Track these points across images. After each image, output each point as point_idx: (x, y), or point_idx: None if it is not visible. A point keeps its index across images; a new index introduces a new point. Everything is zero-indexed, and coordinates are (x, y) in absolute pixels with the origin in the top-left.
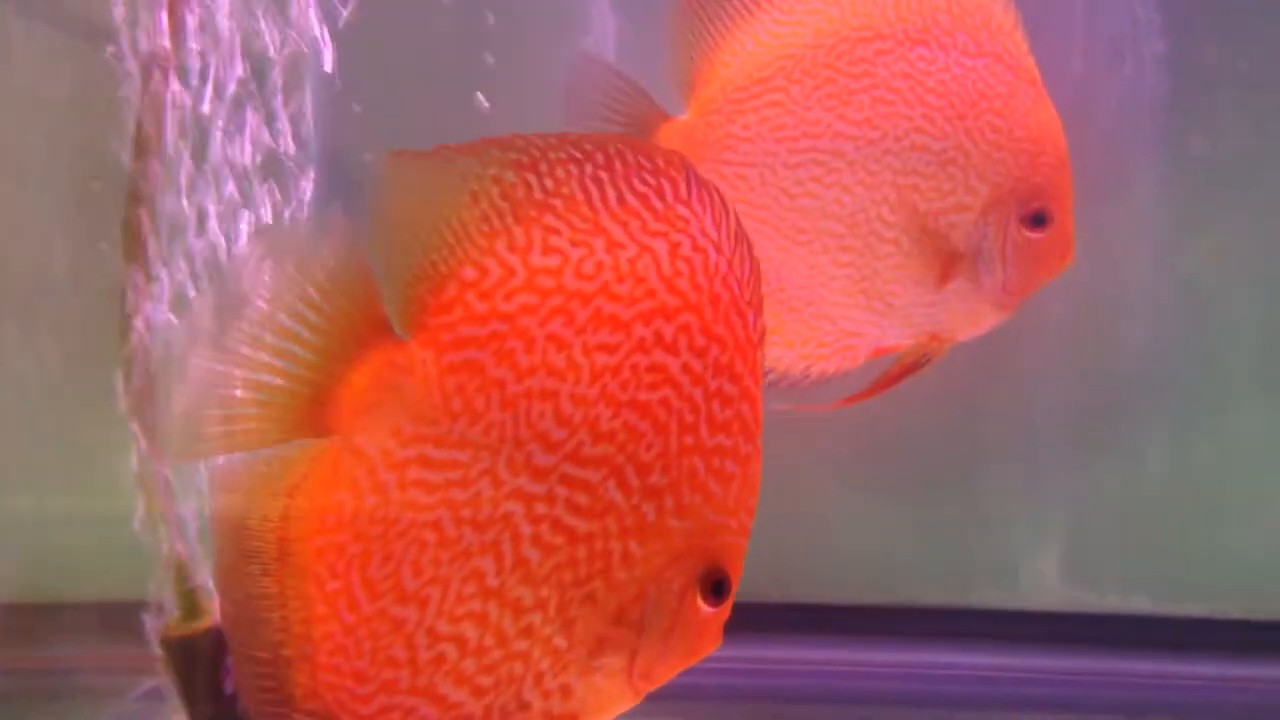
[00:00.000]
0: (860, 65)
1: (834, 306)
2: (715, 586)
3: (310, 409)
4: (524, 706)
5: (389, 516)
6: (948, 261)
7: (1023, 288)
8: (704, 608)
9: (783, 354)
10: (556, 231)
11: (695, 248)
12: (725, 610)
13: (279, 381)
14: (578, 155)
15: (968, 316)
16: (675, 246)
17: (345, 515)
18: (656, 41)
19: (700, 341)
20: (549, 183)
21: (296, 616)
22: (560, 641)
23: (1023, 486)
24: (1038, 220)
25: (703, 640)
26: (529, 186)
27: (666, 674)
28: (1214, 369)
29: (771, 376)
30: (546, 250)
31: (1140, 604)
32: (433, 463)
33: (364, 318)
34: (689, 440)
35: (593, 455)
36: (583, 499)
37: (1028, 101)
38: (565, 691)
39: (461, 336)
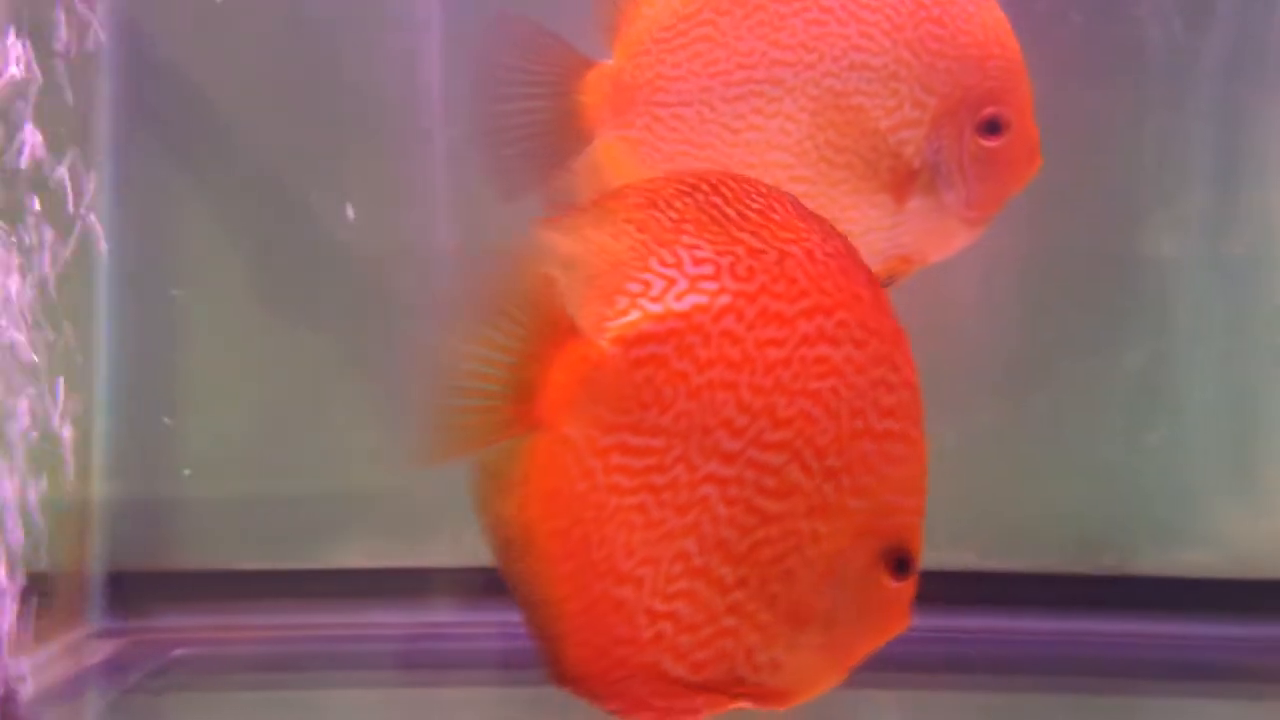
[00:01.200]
0: None
1: None
2: (898, 563)
3: (521, 406)
4: (738, 681)
5: (600, 501)
6: (903, 180)
7: (988, 201)
8: (890, 584)
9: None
10: (699, 247)
11: (827, 253)
12: (911, 587)
13: (496, 386)
14: (687, 188)
15: (935, 235)
16: (809, 252)
17: (563, 500)
18: None
19: (859, 334)
20: (673, 214)
21: (549, 597)
22: (765, 617)
23: None
24: (992, 127)
25: (892, 617)
26: (658, 219)
27: (863, 651)
28: (1039, 328)
29: None
30: (697, 261)
31: (968, 560)
32: (631, 449)
33: (556, 321)
34: (859, 424)
35: (774, 440)
36: (770, 481)
37: (969, 6)
38: (775, 666)
39: (644, 333)
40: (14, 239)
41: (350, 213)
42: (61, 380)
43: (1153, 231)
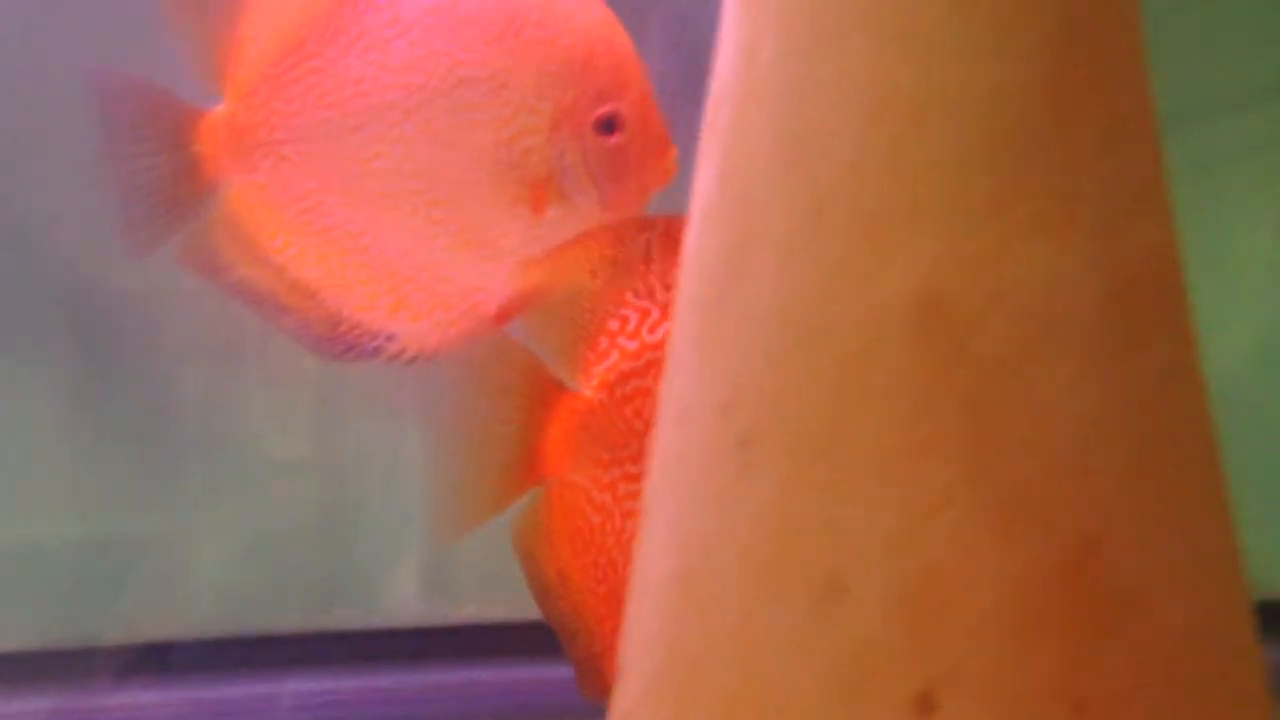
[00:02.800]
0: (388, 11)
1: (446, 266)
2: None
3: (529, 466)
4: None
5: (617, 528)
6: (535, 190)
7: (625, 201)
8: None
9: (412, 328)
10: (667, 272)
11: None
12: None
13: (503, 455)
14: (645, 225)
15: None
16: None
17: (585, 536)
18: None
19: None
20: (639, 247)
21: (591, 622)
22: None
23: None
24: (609, 126)
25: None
26: (625, 255)
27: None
28: None
29: (409, 354)
30: (666, 286)
31: (497, 612)
32: (634, 475)
33: (544, 385)
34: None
35: None
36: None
37: (569, 6)
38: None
39: (624, 372)
40: None
41: None
42: None
43: None
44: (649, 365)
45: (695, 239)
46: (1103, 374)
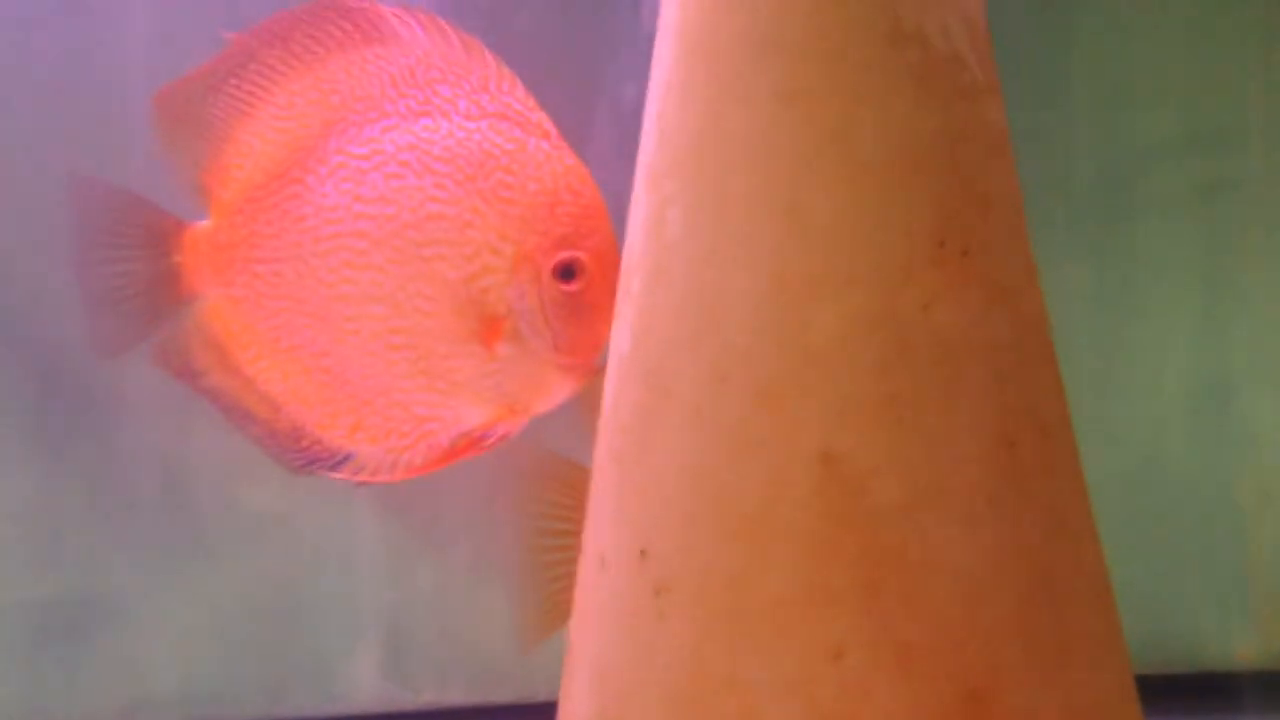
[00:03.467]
0: (368, 145)
1: (403, 393)
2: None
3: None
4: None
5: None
6: (490, 328)
7: (580, 347)
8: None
9: (370, 450)
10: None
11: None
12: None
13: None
14: None
15: (531, 383)
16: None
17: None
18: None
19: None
20: None
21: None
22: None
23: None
24: (567, 273)
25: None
26: None
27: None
28: None
29: (363, 474)
30: None
31: (455, 697)
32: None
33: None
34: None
35: None
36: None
37: (539, 155)
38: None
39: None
40: None
41: None
42: None
43: None
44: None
45: (613, 394)
46: (991, 526)
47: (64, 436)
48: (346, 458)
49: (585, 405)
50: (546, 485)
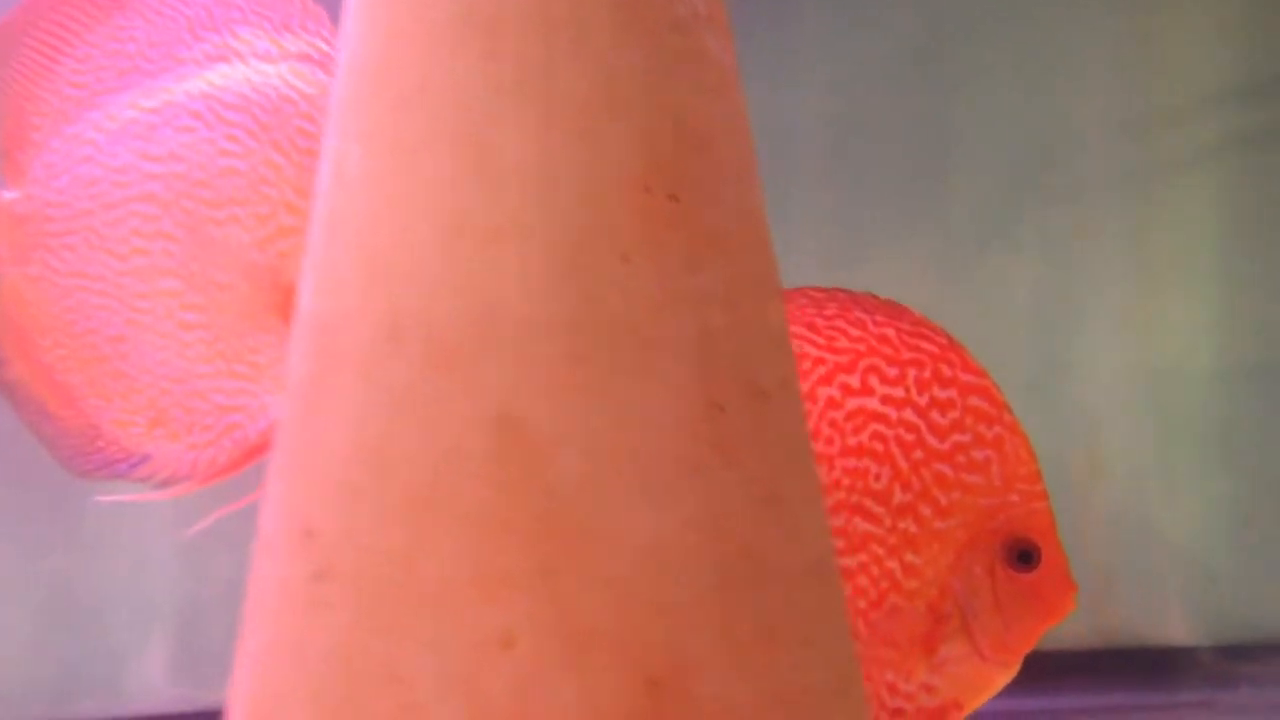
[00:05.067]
0: (159, 96)
1: (201, 379)
2: (1020, 556)
3: None
4: (897, 714)
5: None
6: (284, 297)
7: None
8: (1021, 576)
9: (169, 450)
10: None
11: (828, 315)
12: (1053, 569)
13: None
14: None
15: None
16: (811, 324)
17: None
18: None
19: (892, 373)
20: None
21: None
22: (889, 654)
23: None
24: None
25: (1043, 601)
26: None
27: (1026, 640)
28: None
29: (161, 478)
30: None
31: None
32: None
33: None
34: (919, 455)
35: (829, 506)
36: (838, 543)
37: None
38: (929, 690)
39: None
40: None
41: None
42: None
43: None
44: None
45: (291, 360)
46: (689, 498)
47: None
48: (143, 460)
49: None
50: None
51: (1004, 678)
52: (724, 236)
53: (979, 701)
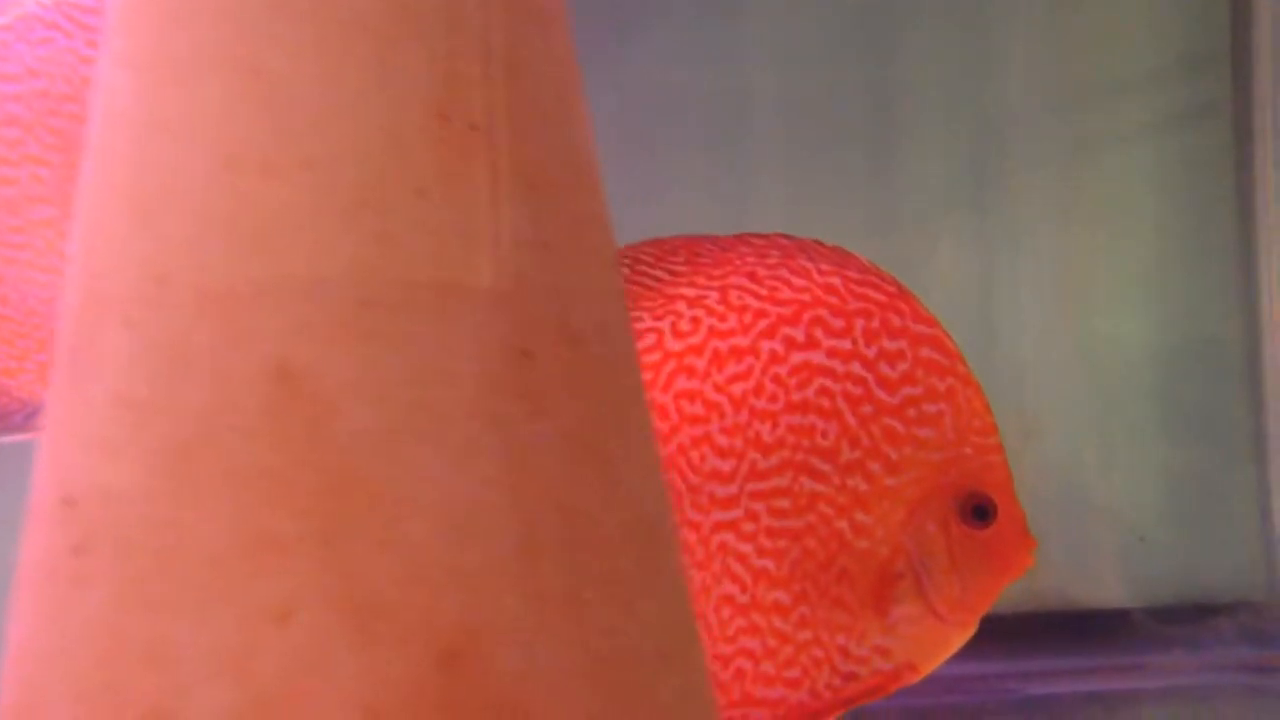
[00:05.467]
0: (8, 10)
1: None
2: (975, 511)
3: None
4: (850, 678)
5: None
6: None
7: None
8: (976, 533)
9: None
10: (639, 319)
11: (770, 264)
12: (1010, 523)
13: None
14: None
15: None
16: (752, 274)
17: None
18: None
19: (838, 324)
20: None
21: None
22: (841, 618)
23: None
24: None
25: (1003, 555)
26: None
27: (983, 598)
28: None
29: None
30: (639, 335)
31: None
32: None
33: None
34: (868, 409)
35: (770, 466)
36: (783, 502)
37: None
38: (883, 652)
39: None
40: None
41: None
42: None
43: None
44: None
45: (59, 309)
46: (491, 454)
47: None
48: (38, 409)
49: None
50: None
51: (961, 638)
52: (535, 171)
53: (935, 663)
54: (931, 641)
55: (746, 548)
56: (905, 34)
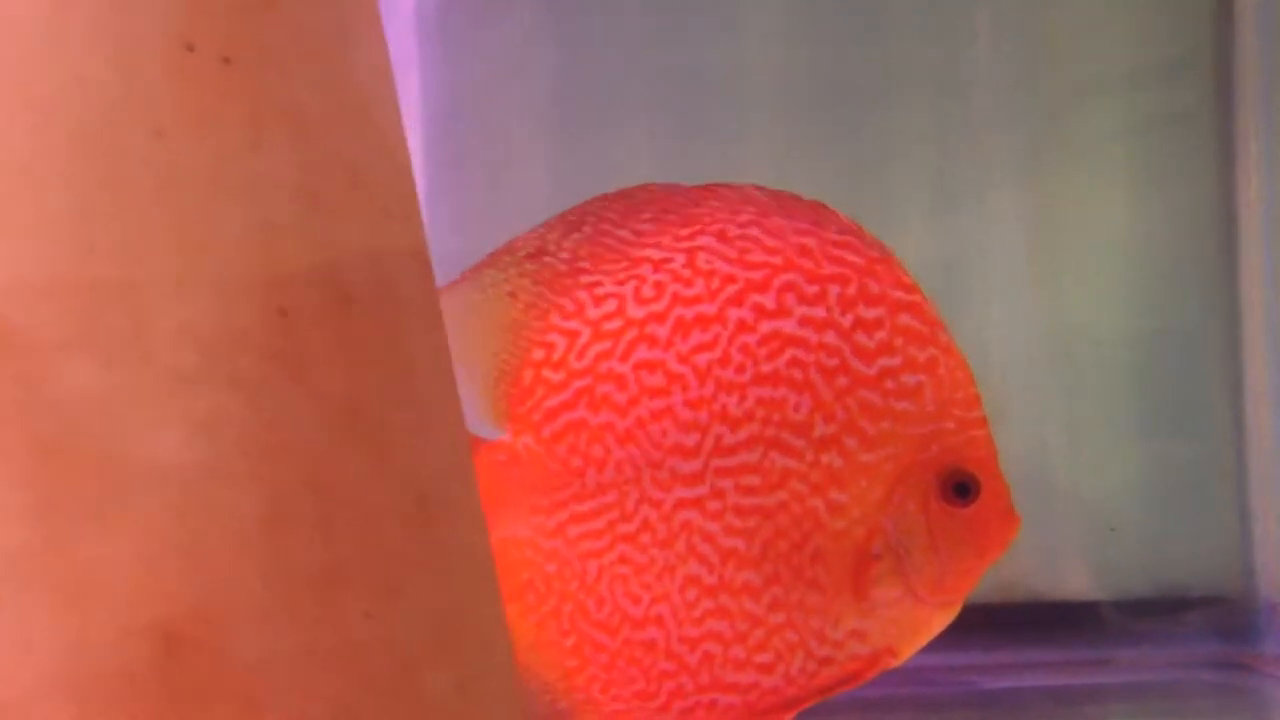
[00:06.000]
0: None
1: None
2: (957, 489)
3: None
4: (826, 662)
5: (579, 571)
6: None
7: None
8: (958, 510)
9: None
10: (599, 283)
11: (742, 223)
12: (993, 500)
13: None
14: (572, 223)
15: None
16: (721, 233)
17: (539, 589)
18: None
19: (811, 290)
20: (565, 254)
21: (553, 677)
22: (815, 600)
23: None
24: None
25: (985, 535)
26: (552, 265)
27: (965, 579)
28: None
29: None
30: (598, 301)
31: None
32: (584, 515)
33: None
34: (843, 381)
35: (738, 441)
36: (752, 479)
37: None
38: (860, 636)
39: (549, 409)
40: None
41: None
42: None
43: None
44: (579, 394)
45: None
46: (233, 420)
47: None
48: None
49: None
50: None
51: (943, 620)
52: (298, 111)
53: (915, 647)
54: (911, 624)
55: (713, 527)
56: (893, 17)
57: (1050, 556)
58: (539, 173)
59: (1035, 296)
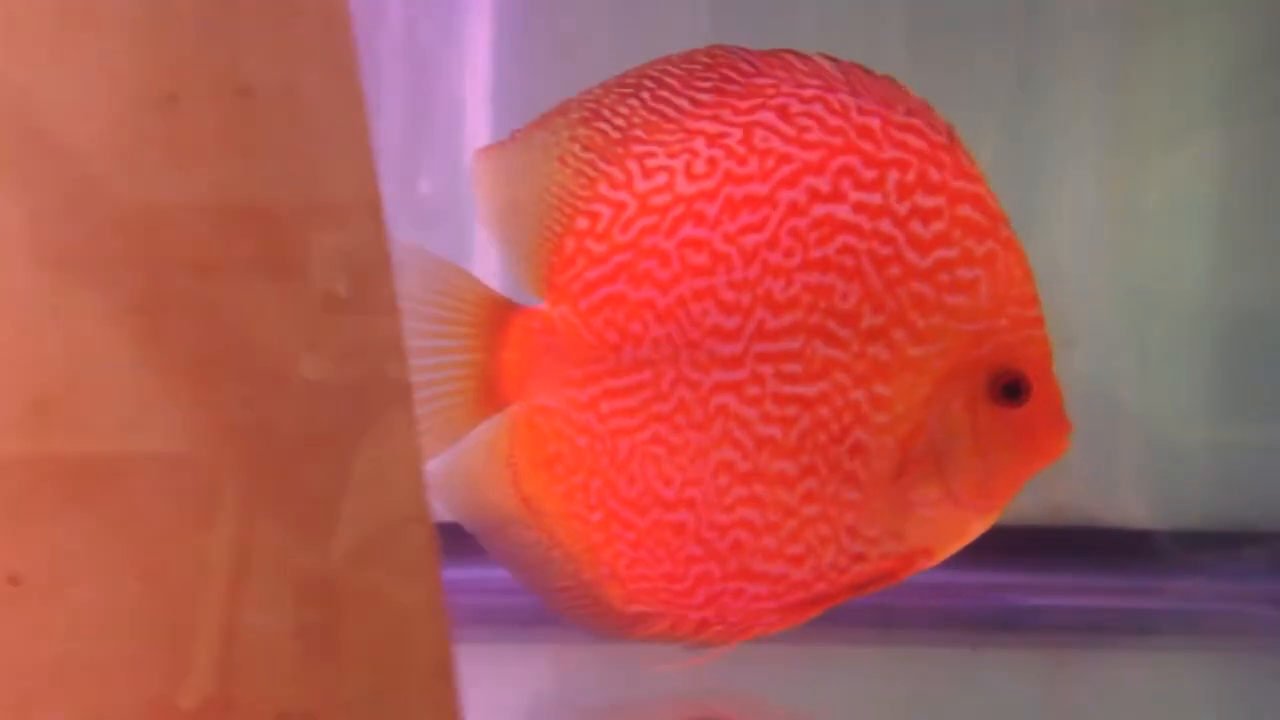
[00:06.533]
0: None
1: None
2: (1007, 389)
3: (481, 395)
4: (859, 559)
5: (610, 448)
6: None
7: None
8: (1008, 412)
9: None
10: (652, 154)
11: (806, 99)
12: (1044, 404)
13: (454, 381)
14: (629, 90)
15: None
16: (783, 108)
17: (570, 461)
18: None
19: (869, 175)
20: (620, 121)
21: (578, 549)
22: (851, 495)
23: None
24: None
25: (1033, 440)
26: (604, 131)
27: (1008, 485)
28: None
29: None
30: (648, 173)
31: None
32: (619, 391)
33: (488, 306)
34: (895, 271)
35: (781, 326)
36: (793, 367)
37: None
38: (895, 535)
39: (589, 280)
40: None
41: None
42: None
43: None
44: (620, 269)
45: None
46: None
47: None
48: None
49: None
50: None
51: (981, 525)
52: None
53: (951, 550)
54: (949, 527)
55: (751, 413)
56: None
57: (1108, 482)
58: (603, 34)
59: (1111, 223)
